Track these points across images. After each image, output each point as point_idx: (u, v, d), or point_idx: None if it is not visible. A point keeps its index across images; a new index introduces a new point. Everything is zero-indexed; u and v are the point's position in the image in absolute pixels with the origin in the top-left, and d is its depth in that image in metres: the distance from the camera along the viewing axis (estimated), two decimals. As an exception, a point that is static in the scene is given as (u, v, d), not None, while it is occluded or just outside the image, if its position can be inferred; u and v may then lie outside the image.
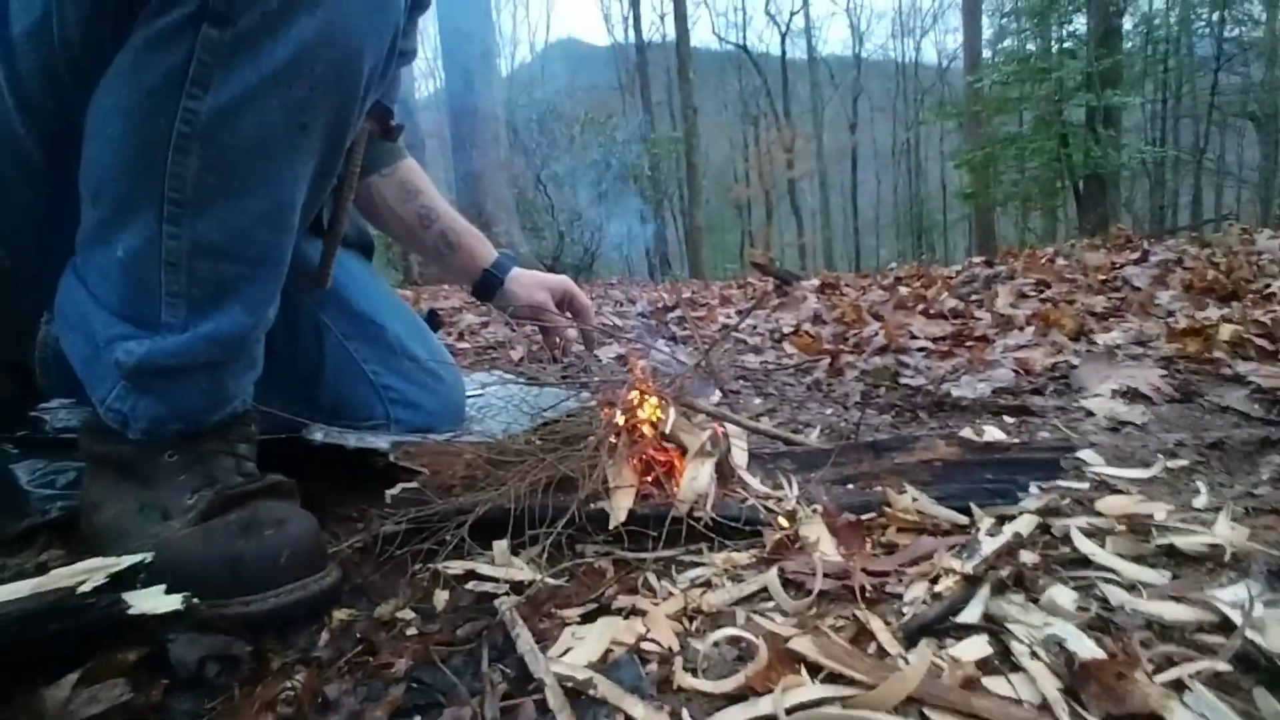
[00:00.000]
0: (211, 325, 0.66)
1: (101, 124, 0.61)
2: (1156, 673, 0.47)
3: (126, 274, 0.64)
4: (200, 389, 0.68)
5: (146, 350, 0.64)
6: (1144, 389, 1.11)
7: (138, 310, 0.65)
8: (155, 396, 0.66)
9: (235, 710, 0.48)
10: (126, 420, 0.67)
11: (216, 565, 0.59)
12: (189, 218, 0.62)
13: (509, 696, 0.48)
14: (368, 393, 1.02)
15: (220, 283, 0.66)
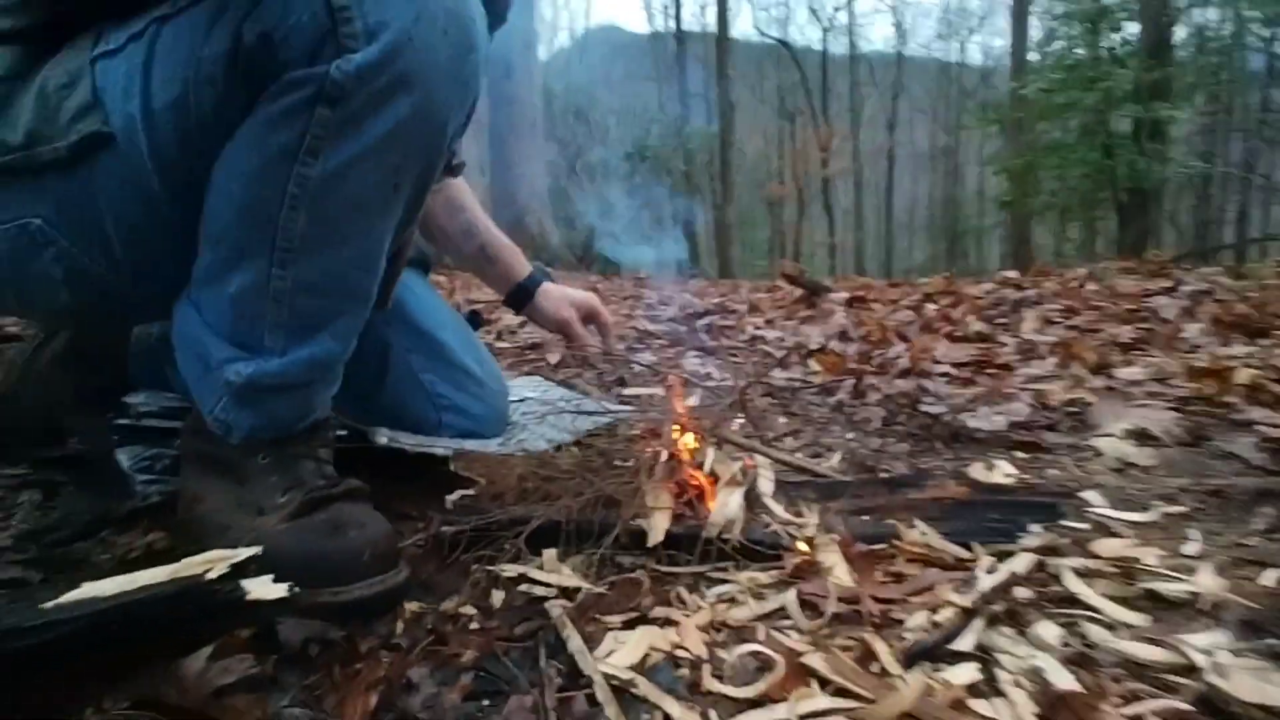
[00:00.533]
0: (307, 352, 0.76)
1: (226, 183, 0.70)
2: (1123, 706, 0.54)
3: (236, 307, 0.74)
4: (292, 404, 0.78)
5: (252, 372, 0.74)
6: (1155, 430, 1.16)
7: (245, 337, 0.75)
8: (254, 409, 0.76)
9: (339, 687, 0.57)
10: (230, 428, 0.77)
11: (310, 560, 0.68)
12: (294, 263, 0.71)
13: (563, 690, 0.57)
14: (423, 400, 1.13)
15: (316, 315, 0.76)
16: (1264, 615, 0.66)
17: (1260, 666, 0.58)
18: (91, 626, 0.53)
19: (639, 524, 0.77)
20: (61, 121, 0.70)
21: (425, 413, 1.13)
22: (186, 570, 0.60)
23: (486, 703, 0.57)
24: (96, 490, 0.97)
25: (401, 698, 0.56)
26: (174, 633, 0.57)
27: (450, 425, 1.13)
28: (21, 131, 0.71)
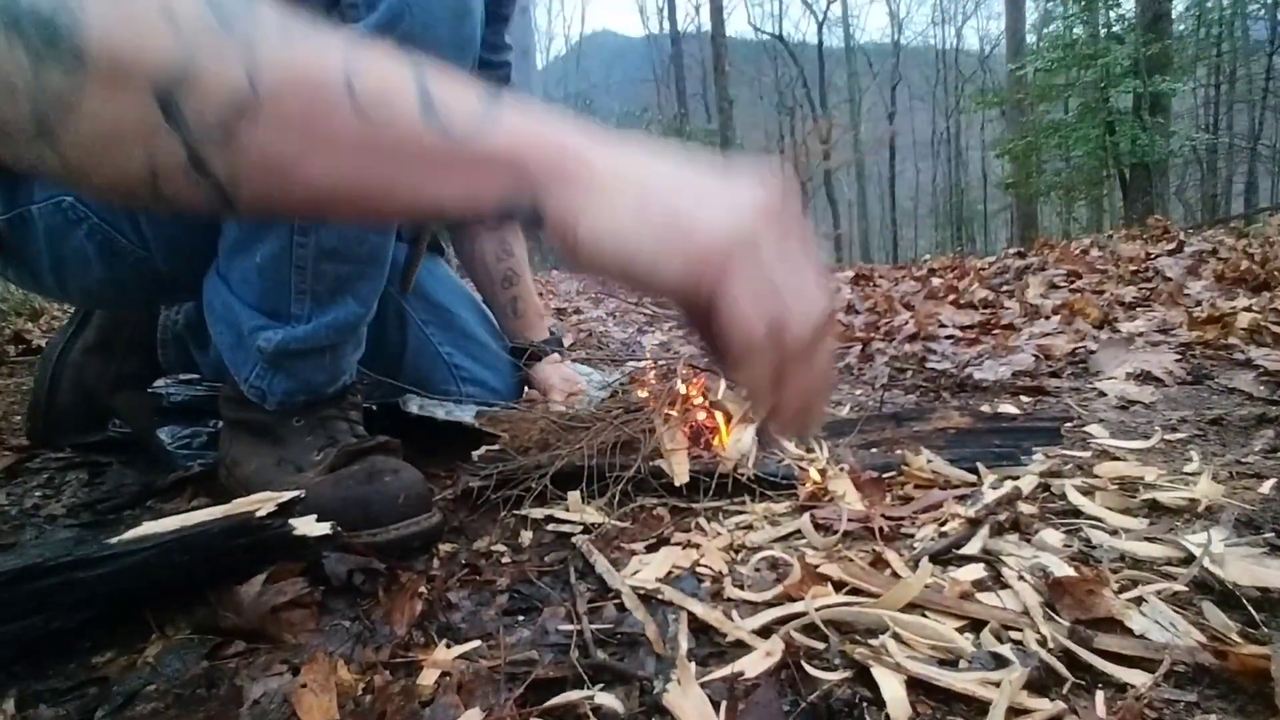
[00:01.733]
0: (331, 316, 0.80)
1: None
2: (1122, 591, 0.57)
3: (263, 276, 0.78)
4: (321, 367, 0.83)
5: (281, 338, 0.79)
6: (1156, 372, 1.19)
7: (273, 305, 0.79)
8: (287, 374, 0.81)
9: (383, 602, 0.61)
10: (265, 394, 0.82)
11: (349, 505, 0.73)
12: (314, 230, 0.76)
13: (593, 601, 0.61)
14: (442, 370, 1.17)
15: (338, 280, 0.80)
16: (1260, 515, 0.69)
17: (1256, 554, 0.61)
18: (154, 558, 0.58)
19: (657, 464, 0.80)
20: None
21: (446, 384, 1.17)
22: (238, 509, 0.64)
23: (521, 617, 0.60)
24: (140, 467, 1.02)
25: (443, 613, 0.60)
26: (228, 563, 0.61)
27: (470, 395, 1.17)
28: None
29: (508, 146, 0.35)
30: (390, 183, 0.35)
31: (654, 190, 0.35)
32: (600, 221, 0.35)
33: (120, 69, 0.32)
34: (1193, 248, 2.53)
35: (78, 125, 0.33)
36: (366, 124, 0.34)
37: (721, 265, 0.34)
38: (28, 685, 0.53)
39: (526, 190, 0.35)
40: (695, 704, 0.45)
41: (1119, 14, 11.21)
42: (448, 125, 0.34)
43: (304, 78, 0.33)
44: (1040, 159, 12.62)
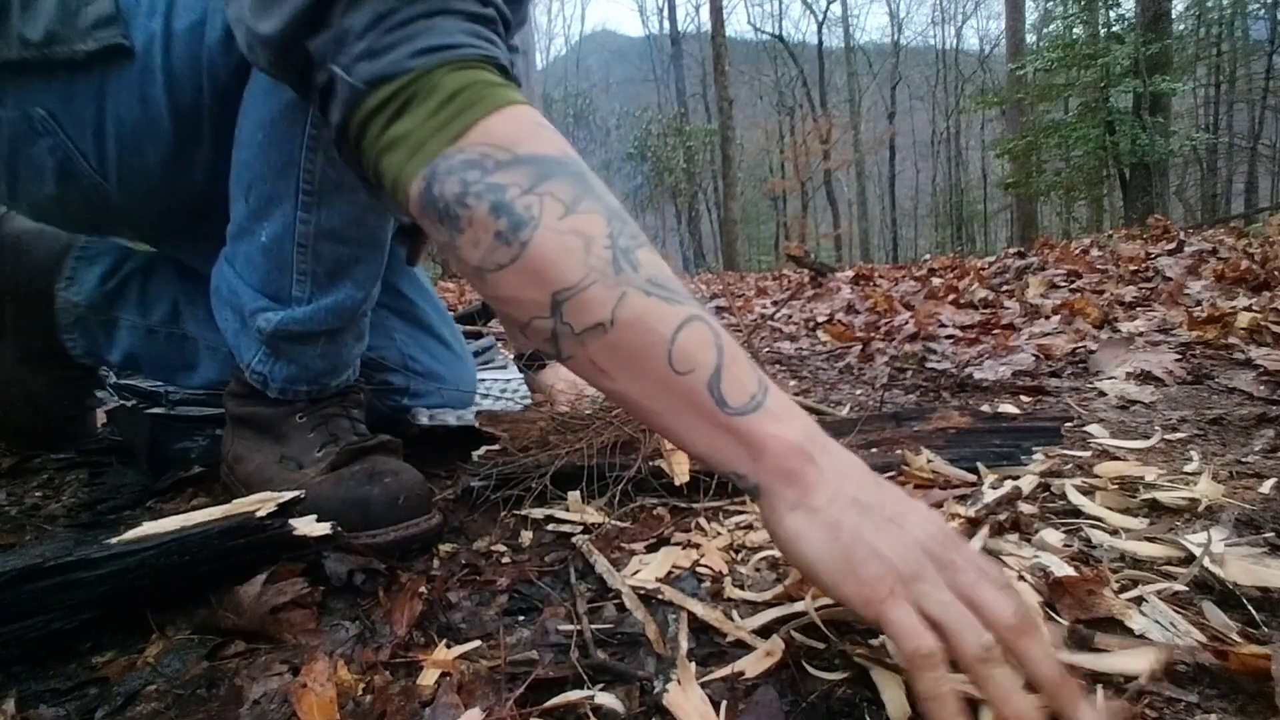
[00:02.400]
0: (331, 299, 0.80)
1: (250, 135, 0.74)
2: (1122, 591, 0.57)
3: (267, 256, 0.78)
4: (322, 354, 0.82)
5: (280, 319, 0.79)
6: (1156, 372, 1.19)
7: (274, 287, 0.79)
8: (288, 360, 0.81)
9: (383, 602, 0.61)
10: (266, 381, 0.82)
11: (349, 505, 0.73)
12: (316, 208, 0.75)
13: (593, 601, 0.61)
14: (394, 359, 1.09)
15: (337, 262, 0.79)
16: (1260, 515, 0.69)
17: (1256, 554, 0.61)
18: (154, 558, 0.58)
19: (657, 464, 0.80)
20: (80, 26, 0.73)
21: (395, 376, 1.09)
22: (237, 509, 0.64)
23: (521, 617, 0.60)
24: (140, 468, 1.02)
25: (443, 613, 0.60)
26: (228, 563, 0.61)
27: (419, 391, 1.10)
28: (41, 30, 0.73)
29: (758, 434, 0.45)
30: (664, 413, 0.48)
31: (847, 515, 0.43)
32: (800, 526, 0.44)
33: (541, 271, 0.47)
34: (1193, 247, 2.53)
35: (497, 282, 0.49)
36: (670, 372, 0.46)
37: (882, 600, 0.41)
38: (28, 685, 0.53)
39: (755, 473, 0.46)
40: (695, 704, 0.45)
41: (1119, 14, 11.24)
42: (724, 397, 0.46)
43: (644, 325, 0.46)
44: (1040, 159, 12.64)
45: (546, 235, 0.47)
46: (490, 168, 0.49)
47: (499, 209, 0.48)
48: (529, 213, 0.48)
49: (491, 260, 0.49)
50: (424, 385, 1.12)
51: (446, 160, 0.50)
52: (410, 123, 0.51)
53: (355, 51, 0.52)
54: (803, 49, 25.27)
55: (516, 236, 0.47)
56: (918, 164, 27.19)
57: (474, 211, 0.49)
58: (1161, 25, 10.10)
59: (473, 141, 0.50)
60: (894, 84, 24.56)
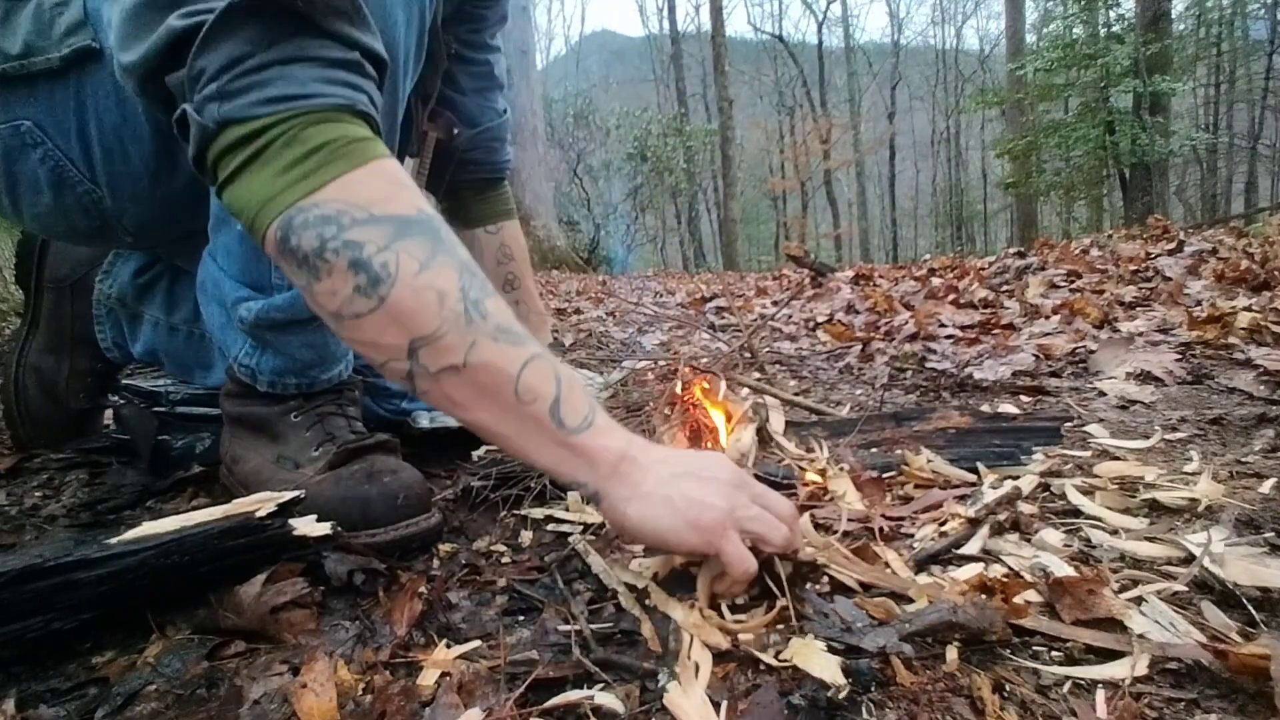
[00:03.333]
0: None
1: None
2: (1122, 591, 0.57)
3: (244, 244, 0.78)
4: (308, 344, 0.81)
5: (261, 306, 0.78)
6: (1156, 372, 1.19)
7: (254, 276, 0.79)
8: (274, 351, 0.81)
9: (383, 603, 0.61)
10: (255, 374, 0.82)
11: (348, 505, 0.73)
12: None
13: (593, 601, 0.61)
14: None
15: None
16: (1260, 515, 0.68)
17: (1256, 554, 0.61)
18: (154, 558, 0.58)
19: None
20: (55, 35, 0.75)
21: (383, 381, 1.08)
22: (237, 509, 0.64)
23: (521, 617, 0.60)
24: (140, 467, 1.02)
25: (443, 614, 0.60)
26: (228, 563, 0.61)
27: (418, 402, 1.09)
28: (20, 43, 0.75)
29: (591, 447, 0.56)
30: (515, 438, 0.56)
31: (673, 488, 0.55)
32: (641, 510, 0.55)
33: (399, 321, 0.53)
34: (1193, 247, 2.53)
35: (355, 328, 0.55)
36: (518, 403, 0.54)
37: (718, 536, 0.55)
38: (28, 685, 0.53)
39: (593, 480, 0.56)
40: (695, 704, 0.45)
41: (1119, 14, 11.23)
42: (563, 419, 0.55)
43: (493, 366, 0.54)
44: (1040, 159, 12.64)
45: (403, 290, 0.52)
46: (347, 224, 0.53)
47: (357, 265, 0.52)
48: (385, 270, 0.52)
49: (350, 310, 0.54)
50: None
51: (302, 213, 0.53)
52: (267, 172, 0.54)
53: (206, 93, 0.54)
54: (803, 49, 25.27)
55: (375, 291, 0.52)
56: (918, 164, 27.19)
57: (333, 265, 0.53)
58: (1161, 25, 10.10)
59: (329, 198, 0.53)
60: (894, 84, 24.56)
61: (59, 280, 1.11)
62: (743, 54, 25.50)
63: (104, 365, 1.13)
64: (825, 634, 0.51)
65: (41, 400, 1.10)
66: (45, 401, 1.10)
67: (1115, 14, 11.26)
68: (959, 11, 27.71)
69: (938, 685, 0.46)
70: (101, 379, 1.14)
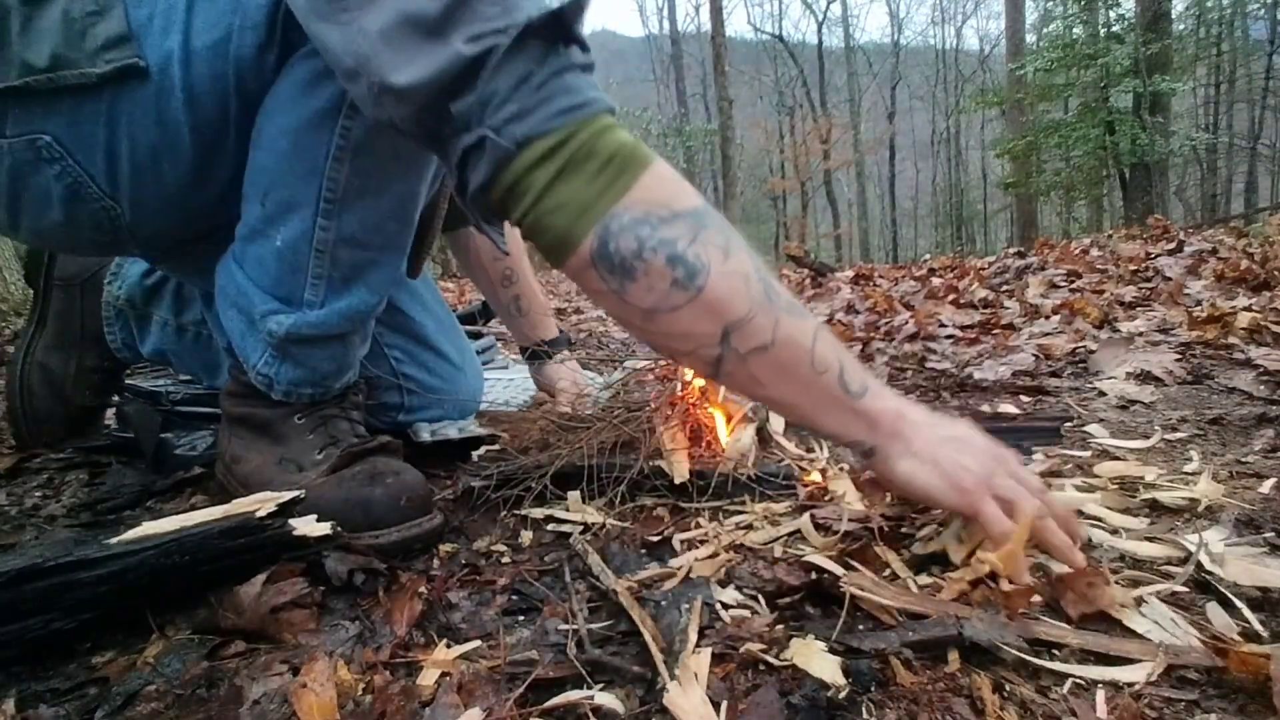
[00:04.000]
0: (344, 303, 0.79)
1: (273, 140, 0.73)
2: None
3: (281, 260, 0.77)
4: (330, 357, 0.82)
5: (293, 322, 0.78)
6: (1156, 371, 1.19)
7: (287, 290, 0.78)
8: (296, 363, 0.81)
9: (383, 603, 0.61)
10: (272, 383, 0.81)
11: (350, 506, 0.73)
12: (337, 215, 0.75)
13: (593, 601, 0.61)
14: (387, 375, 1.08)
15: (354, 266, 0.79)
16: (1260, 515, 0.68)
17: (1256, 554, 0.61)
18: (154, 558, 0.58)
19: (657, 464, 0.80)
20: (89, 48, 0.71)
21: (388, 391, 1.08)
22: (238, 509, 0.64)
23: (521, 617, 0.60)
24: (140, 467, 1.02)
25: (443, 614, 0.60)
26: (228, 563, 0.61)
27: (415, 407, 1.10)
28: (46, 54, 0.70)
29: (874, 410, 0.61)
30: (808, 407, 0.61)
31: (940, 450, 0.61)
32: (912, 468, 0.61)
33: (713, 309, 0.57)
34: (1193, 247, 2.53)
35: (670, 321, 0.58)
36: (814, 374, 0.59)
37: (978, 498, 0.59)
38: (28, 685, 0.53)
39: (873, 438, 0.61)
40: (695, 704, 0.45)
41: (1119, 14, 11.23)
42: (848, 385, 0.60)
43: (794, 342, 0.58)
44: (1040, 159, 12.64)
45: (717, 279, 0.56)
46: (656, 224, 0.56)
47: (674, 260, 0.56)
48: (700, 260, 0.56)
49: (667, 304, 0.57)
50: (421, 400, 1.11)
51: (617, 219, 0.56)
52: (575, 185, 0.56)
53: (505, 114, 0.55)
54: (803, 49, 25.27)
55: (693, 283, 0.56)
56: (918, 164, 27.19)
57: (651, 263, 0.56)
58: (1161, 25, 10.10)
59: (635, 200, 0.56)
60: (894, 84, 24.55)
61: (69, 278, 1.11)
62: (743, 54, 25.52)
63: (111, 363, 1.14)
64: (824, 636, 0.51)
65: (46, 397, 1.11)
66: (50, 398, 1.11)
67: (1115, 14, 11.26)
68: (959, 11, 27.72)
69: (938, 685, 0.46)
70: (108, 377, 1.15)
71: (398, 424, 1.07)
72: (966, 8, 28.68)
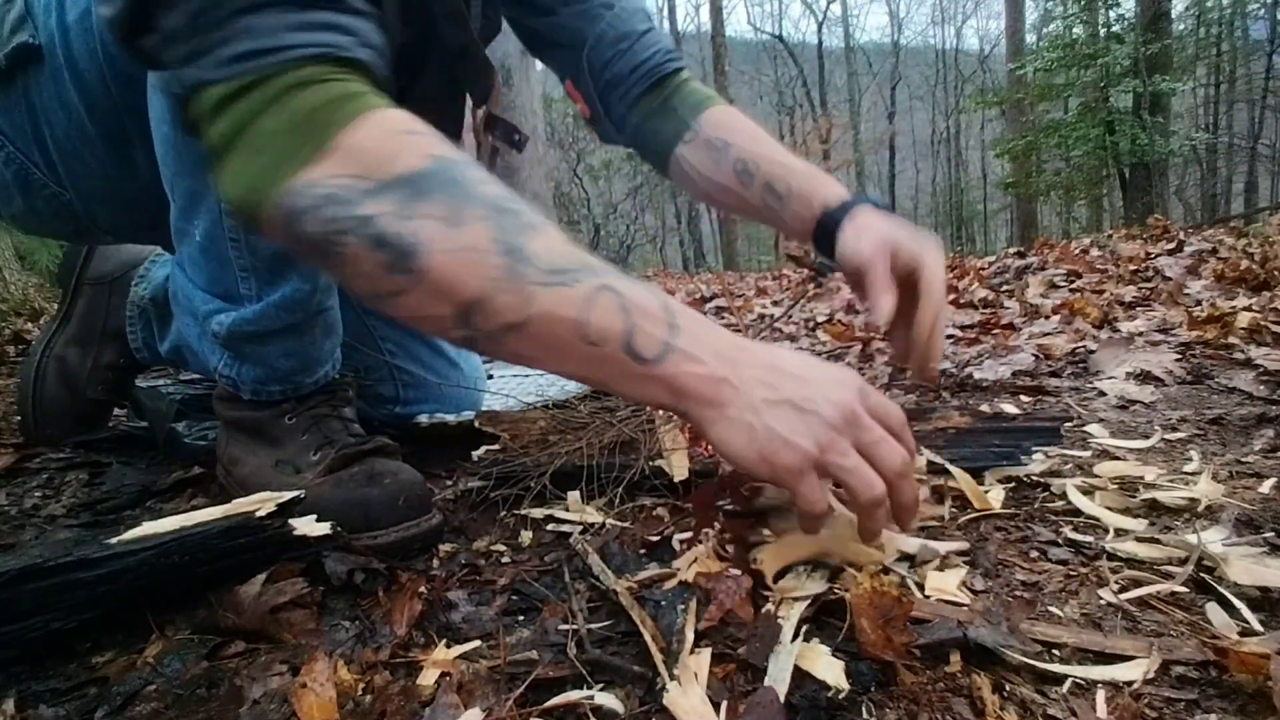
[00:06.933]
0: (279, 294, 0.76)
1: (156, 127, 0.70)
2: (1122, 591, 0.57)
3: (206, 255, 0.75)
4: (287, 352, 0.80)
5: (232, 320, 0.76)
6: (1156, 371, 1.19)
7: (222, 287, 0.76)
8: (253, 362, 0.79)
9: (383, 602, 0.61)
10: (237, 384, 0.81)
11: (349, 507, 0.73)
12: None
13: (593, 601, 0.61)
14: (381, 369, 1.08)
15: (276, 254, 0.74)
16: (1260, 515, 0.68)
17: (1256, 554, 0.61)
18: (154, 558, 0.58)
19: (657, 463, 0.80)
20: (4, 34, 0.71)
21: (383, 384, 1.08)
22: (237, 509, 0.64)
23: (521, 617, 0.60)
24: (140, 467, 1.02)
25: (443, 614, 0.60)
26: (228, 563, 0.61)
27: (411, 402, 1.09)
28: None
29: (675, 376, 0.52)
30: (592, 376, 0.54)
31: (758, 418, 0.51)
32: (723, 433, 0.52)
33: (440, 292, 0.49)
34: (1193, 247, 2.53)
35: (397, 306, 0.51)
36: (589, 349, 0.51)
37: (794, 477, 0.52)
38: (28, 685, 0.53)
39: (680, 404, 0.53)
40: (695, 704, 0.45)
41: (1119, 14, 11.23)
42: (640, 354, 0.51)
43: (554, 317, 0.49)
44: (1040, 159, 12.65)
45: (439, 259, 0.48)
46: (354, 199, 0.47)
47: (379, 241, 0.47)
48: (413, 239, 0.47)
49: (386, 288, 0.49)
50: (418, 394, 1.11)
51: (300, 196, 0.48)
52: (248, 151, 0.49)
53: (180, 54, 0.49)
54: (803, 49, 25.27)
55: (405, 264, 0.48)
56: (918, 164, 27.18)
57: (350, 247, 0.48)
58: (1161, 25, 10.10)
59: (326, 172, 0.48)
60: (894, 84, 24.55)
61: (101, 277, 1.11)
62: (743, 54, 25.51)
63: (128, 362, 1.14)
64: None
65: (58, 389, 1.11)
66: (62, 391, 1.11)
67: (1115, 14, 11.26)
68: (959, 11, 27.74)
69: (938, 685, 0.46)
70: (123, 375, 1.15)
71: (395, 416, 1.07)
72: (966, 8, 28.71)
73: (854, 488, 0.52)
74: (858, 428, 0.52)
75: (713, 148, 0.91)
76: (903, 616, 0.47)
